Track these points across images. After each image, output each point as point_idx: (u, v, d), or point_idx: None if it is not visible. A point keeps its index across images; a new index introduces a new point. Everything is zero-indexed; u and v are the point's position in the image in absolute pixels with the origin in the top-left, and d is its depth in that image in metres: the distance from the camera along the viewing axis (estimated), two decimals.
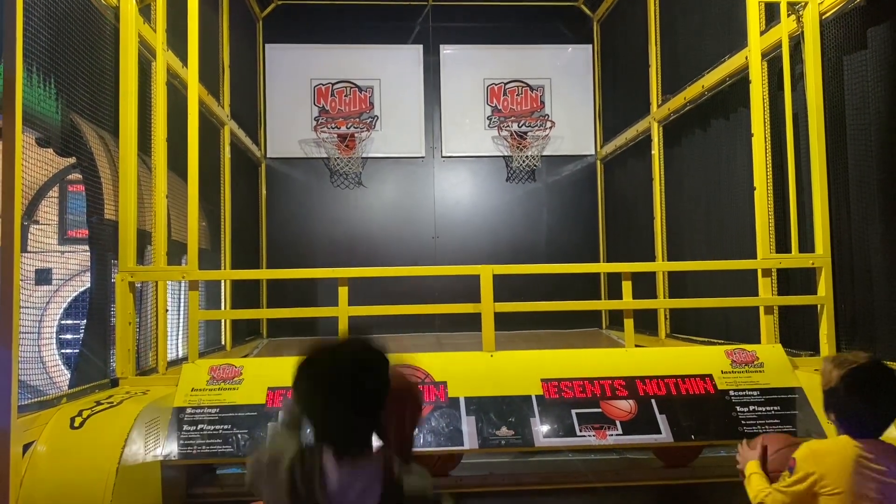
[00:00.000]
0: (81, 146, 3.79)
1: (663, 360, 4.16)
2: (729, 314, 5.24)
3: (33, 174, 3.29)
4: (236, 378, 3.90)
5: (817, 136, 4.21)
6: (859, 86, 3.98)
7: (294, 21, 8.29)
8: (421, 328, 7.40)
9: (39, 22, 3.35)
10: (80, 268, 6.92)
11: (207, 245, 5.81)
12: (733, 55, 5.01)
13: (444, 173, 8.39)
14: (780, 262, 4.34)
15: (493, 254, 7.96)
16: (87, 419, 3.13)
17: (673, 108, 6.12)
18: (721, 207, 5.43)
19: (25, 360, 3.13)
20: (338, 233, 8.19)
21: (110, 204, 4.05)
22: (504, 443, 3.66)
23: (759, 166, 4.43)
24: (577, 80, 8.53)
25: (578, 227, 8.43)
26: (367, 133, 8.23)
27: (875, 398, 2.40)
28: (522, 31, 8.50)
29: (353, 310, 4.29)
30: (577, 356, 4.30)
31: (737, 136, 5.12)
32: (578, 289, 7.11)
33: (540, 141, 8.32)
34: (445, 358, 4.16)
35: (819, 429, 3.63)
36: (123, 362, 3.98)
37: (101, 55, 4.07)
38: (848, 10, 4.05)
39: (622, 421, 3.75)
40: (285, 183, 8.22)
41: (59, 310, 7.86)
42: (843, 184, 4.14)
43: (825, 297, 4.18)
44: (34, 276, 3.64)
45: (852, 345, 4.10)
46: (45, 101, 3.42)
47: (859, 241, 4.04)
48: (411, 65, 8.41)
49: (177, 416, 3.66)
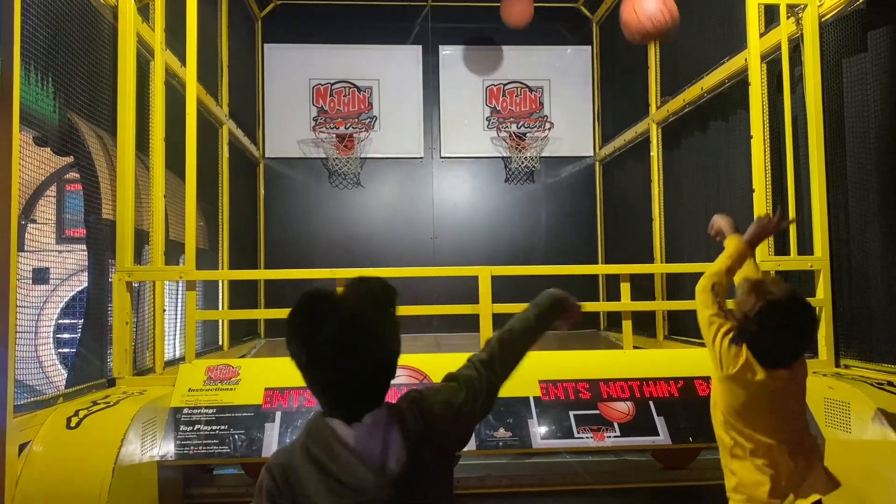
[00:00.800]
0: (79, 145, 3.78)
1: (661, 361, 4.15)
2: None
3: (30, 173, 3.28)
4: (233, 378, 3.89)
5: (816, 138, 4.21)
6: (859, 88, 3.98)
7: (293, 21, 8.28)
8: (419, 329, 7.39)
9: (37, 20, 3.34)
10: (78, 267, 6.91)
11: (205, 245, 5.80)
12: (732, 57, 5.01)
13: (443, 174, 8.38)
14: (778, 265, 4.34)
15: (492, 255, 7.95)
16: (83, 419, 3.12)
17: (672, 110, 6.12)
18: (720, 209, 5.38)
19: (22, 359, 3.12)
20: (336, 233, 8.17)
21: (108, 203, 4.04)
22: (502, 444, 3.65)
23: (758, 168, 4.43)
24: (577, 82, 8.53)
25: (577, 228, 8.42)
26: (366, 133, 8.22)
27: (792, 332, 2.35)
28: (522, 32, 8.45)
29: None
30: (575, 357, 4.30)
31: (736, 139, 5.12)
32: (577, 290, 6.96)
33: (539, 142, 8.31)
34: (443, 359, 4.15)
35: (817, 431, 3.62)
36: (120, 362, 3.97)
37: (99, 54, 4.06)
38: (847, 13, 4.05)
39: (620, 423, 3.74)
40: (283, 183, 8.21)
41: (56, 309, 7.84)
42: (842, 186, 4.14)
43: (823, 299, 4.18)
44: (31, 275, 3.63)
45: (850, 347, 4.10)
46: (43, 100, 3.41)
47: (858, 243, 4.04)
48: (410, 65, 8.40)
49: (173, 416, 3.65)
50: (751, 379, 2.35)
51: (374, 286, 1.61)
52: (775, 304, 2.34)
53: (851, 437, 3.40)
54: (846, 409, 3.44)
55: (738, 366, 2.35)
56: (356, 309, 1.53)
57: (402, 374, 3.93)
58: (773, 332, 2.34)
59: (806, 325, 2.39)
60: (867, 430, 3.28)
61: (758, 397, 2.36)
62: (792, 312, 2.36)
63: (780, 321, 2.33)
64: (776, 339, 2.35)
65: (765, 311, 2.34)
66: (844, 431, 3.46)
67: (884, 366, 3.78)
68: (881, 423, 3.17)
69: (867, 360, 3.94)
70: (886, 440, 3.13)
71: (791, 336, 2.37)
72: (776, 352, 2.36)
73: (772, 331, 2.33)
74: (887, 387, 3.41)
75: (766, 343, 2.35)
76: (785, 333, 2.35)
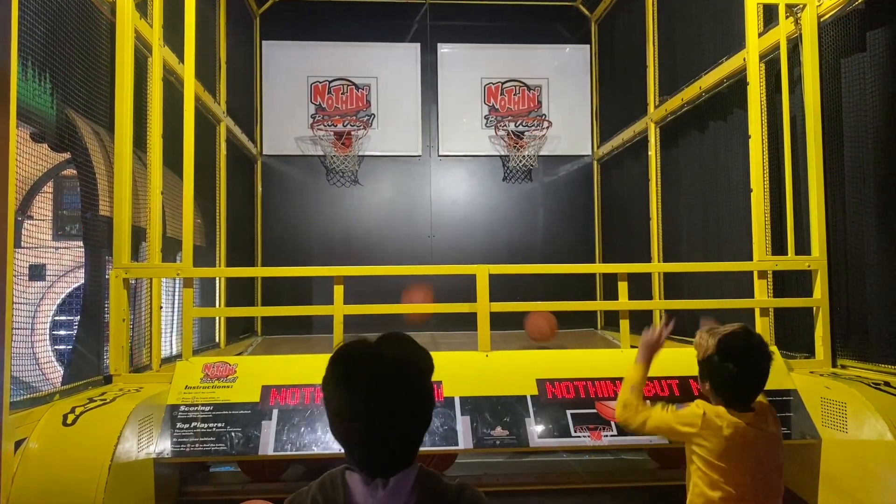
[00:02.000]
0: (76, 141, 3.77)
1: (659, 361, 4.13)
2: (724, 316, 5.23)
3: (27, 169, 3.27)
4: (230, 376, 3.88)
5: (814, 138, 4.21)
6: (857, 88, 3.98)
7: (291, 18, 8.26)
8: (416, 327, 7.38)
9: (34, 16, 3.32)
10: (74, 264, 6.89)
11: (202, 242, 5.79)
12: (731, 57, 5.01)
13: (441, 172, 8.38)
14: (776, 265, 4.34)
15: (489, 253, 7.96)
16: (79, 416, 3.11)
17: (670, 110, 6.12)
18: (717, 209, 5.43)
19: (18, 356, 3.11)
20: (334, 231, 8.17)
21: (105, 200, 4.03)
22: (499, 443, 3.65)
23: (756, 168, 4.43)
24: (575, 81, 8.53)
25: (574, 227, 8.42)
26: (364, 131, 8.21)
27: (746, 362, 2.56)
28: (520, 30, 8.49)
29: (349, 308, 4.28)
30: (573, 356, 4.30)
31: (734, 138, 5.12)
32: (574, 289, 7.10)
33: (537, 141, 8.31)
34: (441, 357, 4.12)
35: (814, 431, 3.63)
36: (117, 359, 3.96)
37: (96, 50, 4.04)
38: (846, 13, 4.05)
39: (617, 422, 3.74)
40: (281, 180, 8.20)
41: (52, 305, 7.82)
42: (840, 186, 4.14)
43: (821, 299, 4.18)
44: (28, 271, 3.62)
45: (847, 347, 4.11)
46: (40, 96, 3.39)
47: (855, 243, 4.04)
48: (409, 63, 8.39)
49: (170, 413, 3.65)
50: (719, 425, 2.54)
51: (416, 348, 1.58)
52: (731, 335, 2.60)
53: (848, 438, 3.41)
54: (843, 409, 3.45)
55: (701, 417, 2.58)
56: (401, 363, 1.50)
57: None
58: (733, 360, 2.55)
59: (761, 350, 2.60)
60: (864, 430, 3.29)
61: (730, 445, 2.52)
62: (748, 338, 2.61)
63: (740, 348, 2.57)
64: (738, 369, 2.55)
65: (722, 342, 2.58)
66: (841, 431, 3.46)
67: (881, 366, 3.78)
68: (878, 424, 3.18)
69: (864, 361, 3.95)
70: (883, 440, 3.13)
71: (751, 362, 2.57)
72: (739, 383, 2.58)
73: (732, 359, 2.55)
74: (884, 387, 3.41)
75: (726, 375, 2.56)
76: (745, 358, 2.56)
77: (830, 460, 3.51)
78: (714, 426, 2.55)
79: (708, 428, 2.55)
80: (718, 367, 2.57)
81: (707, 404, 2.64)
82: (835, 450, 3.50)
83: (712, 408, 2.61)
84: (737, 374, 2.55)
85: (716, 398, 2.63)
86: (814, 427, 3.66)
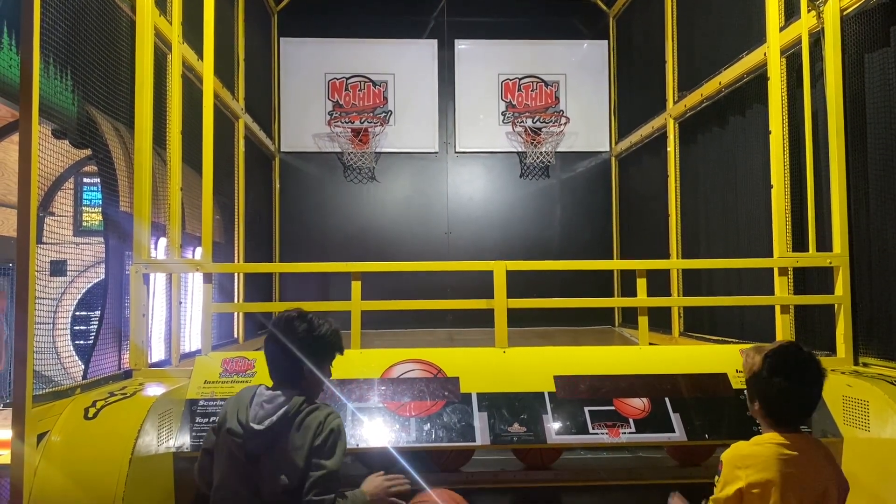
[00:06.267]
0: (97, 138, 3.80)
1: (677, 358, 4.12)
2: (744, 313, 5.19)
3: (49, 166, 3.30)
4: (249, 371, 3.90)
5: (836, 133, 4.15)
6: (880, 83, 3.92)
7: (309, 15, 8.29)
8: (433, 324, 7.40)
9: (56, 13, 3.36)
10: (95, 259, 6.96)
11: (221, 238, 5.83)
12: (752, 51, 4.96)
13: (458, 169, 8.38)
14: (797, 261, 4.30)
15: (506, 250, 7.95)
16: (100, 410, 3.14)
17: (689, 105, 6.07)
18: (737, 205, 5.38)
19: (40, 350, 3.15)
20: (351, 227, 8.20)
21: (125, 196, 4.06)
22: (516, 439, 3.64)
23: (777, 164, 4.38)
24: (593, 76, 8.49)
25: (592, 223, 8.39)
26: (381, 128, 8.23)
27: (798, 377, 2.42)
28: (538, 26, 8.46)
29: (366, 304, 4.29)
30: (591, 353, 4.28)
31: (754, 134, 5.07)
32: (591, 286, 7.07)
33: (554, 137, 8.28)
34: (458, 353, 4.14)
35: (835, 430, 3.59)
36: (137, 354, 4.00)
37: (117, 47, 4.08)
38: (869, 7, 3.99)
39: (635, 419, 3.72)
40: (299, 177, 8.24)
41: (73, 301, 7.90)
42: (863, 182, 4.09)
43: (843, 296, 4.13)
44: (49, 267, 3.66)
45: (870, 345, 4.05)
46: (62, 93, 3.43)
47: (878, 240, 3.99)
48: (426, 59, 8.39)
49: (189, 408, 3.67)
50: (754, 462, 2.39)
51: (326, 322, 2.72)
52: (780, 348, 2.48)
53: (870, 436, 3.37)
54: (865, 407, 3.41)
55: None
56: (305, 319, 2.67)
57: (416, 368, 3.94)
58: (783, 375, 2.40)
59: (812, 365, 2.45)
60: (886, 428, 3.25)
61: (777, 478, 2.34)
62: (798, 352, 2.47)
63: (789, 362, 2.43)
64: (787, 384, 2.40)
65: (770, 357, 2.44)
66: (863, 430, 3.42)
67: None
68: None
69: (887, 358, 3.89)
70: None
71: (802, 376, 2.43)
72: (790, 399, 2.42)
73: (782, 373, 2.41)
74: None
75: (776, 391, 2.41)
76: (794, 372, 2.42)
77: (852, 459, 3.46)
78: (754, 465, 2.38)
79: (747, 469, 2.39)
80: (767, 384, 2.43)
81: (736, 446, 2.49)
82: (856, 448, 3.46)
83: (743, 445, 2.48)
84: (787, 390, 2.40)
85: (765, 419, 2.49)
86: (835, 425, 3.61)
